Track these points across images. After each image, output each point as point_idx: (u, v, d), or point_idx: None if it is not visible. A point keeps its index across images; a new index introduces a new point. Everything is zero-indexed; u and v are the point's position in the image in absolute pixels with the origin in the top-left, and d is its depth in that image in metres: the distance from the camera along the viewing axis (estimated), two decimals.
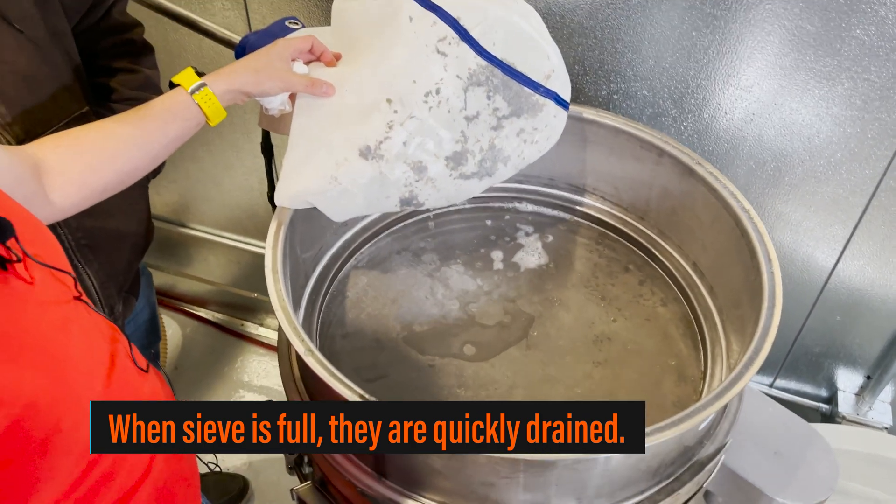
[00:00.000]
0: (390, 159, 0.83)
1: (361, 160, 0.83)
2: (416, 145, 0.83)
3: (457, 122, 0.84)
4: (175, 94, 0.75)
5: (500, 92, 0.85)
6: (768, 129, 1.12)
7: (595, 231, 1.07)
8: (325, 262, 0.97)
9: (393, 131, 0.82)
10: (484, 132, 0.87)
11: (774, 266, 0.79)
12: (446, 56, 0.81)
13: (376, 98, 0.81)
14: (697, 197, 0.92)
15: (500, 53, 0.83)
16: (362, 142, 0.82)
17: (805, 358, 1.42)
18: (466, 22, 0.81)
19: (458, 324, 0.93)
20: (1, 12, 0.72)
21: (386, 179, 0.84)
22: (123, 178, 0.73)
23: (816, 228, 1.22)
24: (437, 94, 0.82)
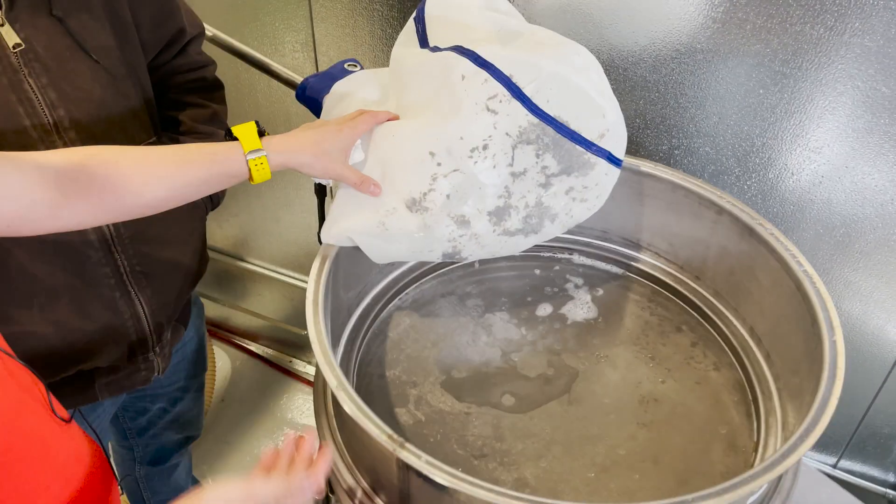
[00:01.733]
0: (435, 212, 0.83)
1: (408, 211, 0.83)
2: (459, 199, 0.83)
3: (502, 177, 0.83)
4: (232, 149, 0.75)
5: (551, 150, 0.83)
6: (838, 193, 1.07)
7: (648, 288, 1.03)
8: (369, 301, 0.97)
9: (437, 183, 0.82)
10: (531, 189, 0.85)
11: (837, 334, 0.74)
12: (497, 114, 0.81)
13: (422, 151, 0.81)
14: (757, 258, 0.88)
15: (553, 111, 0.82)
16: (408, 194, 0.82)
17: (873, 439, 1.33)
18: (520, 79, 0.80)
19: (499, 373, 0.91)
20: (80, 43, 0.76)
21: (431, 232, 0.84)
22: (144, 210, 0.73)
23: (888, 300, 1.15)
24: (484, 150, 0.81)
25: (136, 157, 0.71)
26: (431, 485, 0.65)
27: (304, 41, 1.34)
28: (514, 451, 0.82)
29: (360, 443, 0.74)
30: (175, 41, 0.90)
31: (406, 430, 0.84)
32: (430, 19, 0.89)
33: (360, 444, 0.75)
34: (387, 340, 0.95)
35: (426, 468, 0.62)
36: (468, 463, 0.80)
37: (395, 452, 0.63)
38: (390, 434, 0.64)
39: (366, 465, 0.75)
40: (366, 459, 0.75)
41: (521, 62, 0.81)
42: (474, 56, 0.81)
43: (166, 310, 0.91)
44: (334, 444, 0.79)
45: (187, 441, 1.24)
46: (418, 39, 0.90)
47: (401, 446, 0.63)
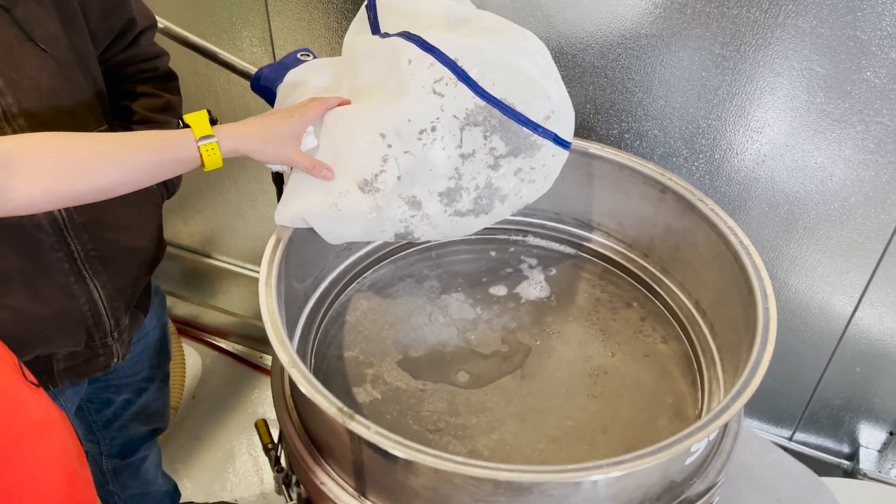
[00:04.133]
0: (386, 193, 0.85)
1: (360, 192, 0.85)
2: (409, 180, 0.85)
3: (451, 159, 0.86)
4: (183, 135, 0.77)
5: (498, 132, 0.86)
6: (781, 172, 1.11)
7: (599, 266, 1.06)
8: (326, 285, 0.99)
9: (387, 165, 0.84)
10: (480, 170, 0.88)
11: (770, 301, 0.78)
12: (443, 97, 0.83)
13: (372, 133, 0.83)
14: (699, 233, 0.92)
15: (499, 93, 0.84)
16: (360, 175, 0.84)
17: (825, 411, 1.38)
18: (465, 63, 0.83)
19: (455, 351, 0.93)
20: (27, 32, 0.77)
21: (382, 213, 0.86)
22: (97, 194, 0.73)
23: (832, 274, 1.19)
24: (433, 132, 0.84)
25: (88, 143, 0.72)
26: (382, 455, 0.67)
27: (260, 35, 1.36)
28: (468, 425, 0.84)
29: (316, 420, 0.76)
30: (126, 32, 0.91)
31: (363, 409, 0.86)
32: (381, 7, 0.91)
33: (317, 423, 0.77)
34: (345, 324, 0.97)
35: (375, 438, 0.64)
36: (423, 437, 0.83)
37: (345, 424, 0.65)
38: (340, 407, 0.66)
39: (323, 444, 0.77)
40: (322, 437, 0.77)
41: (466, 46, 0.83)
42: (420, 41, 0.84)
43: (123, 295, 0.92)
44: (293, 427, 0.81)
45: (154, 433, 1.25)
46: (370, 26, 0.92)
47: (350, 418, 0.65)
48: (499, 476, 0.61)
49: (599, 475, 0.62)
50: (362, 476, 0.72)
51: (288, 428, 0.81)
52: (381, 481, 0.71)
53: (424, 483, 0.67)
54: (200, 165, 0.78)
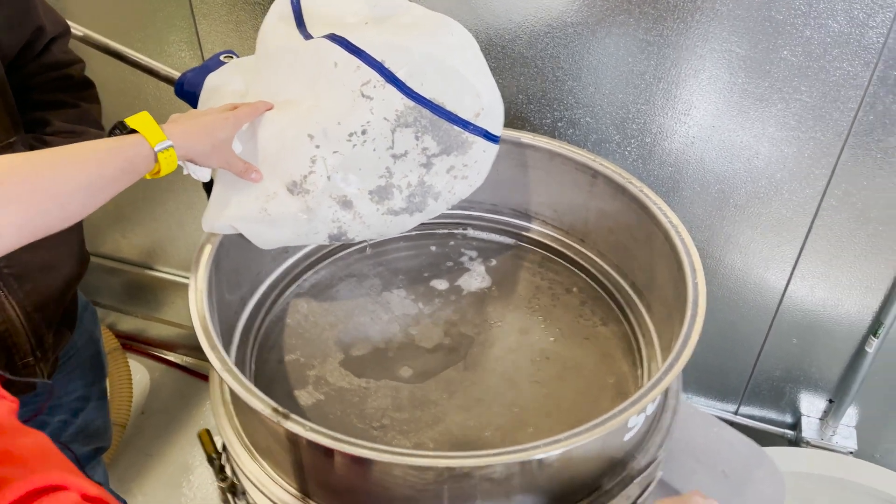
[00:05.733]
0: (316, 194, 0.84)
1: (289, 195, 0.84)
2: (340, 180, 0.84)
3: (382, 159, 0.85)
4: (137, 144, 0.71)
5: (430, 132, 0.86)
6: (709, 152, 1.14)
7: (538, 255, 1.07)
8: (264, 289, 0.98)
9: (316, 166, 0.83)
10: (412, 169, 0.88)
11: (699, 276, 0.79)
12: (372, 99, 0.82)
13: (300, 135, 0.82)
14: (630, 215, 0.93)
15: (428, 93, 0.84)
16: (288, 177, 0.83)
17: (767, 384, 1.41)
18: (392, 64, 0.82)
19: (398, 347, 0.93)
20: None
21: (314, 214, 0.85)
22: (64, 224, 0.67)
23: (765, 250, 1.23)
24: (363, 135, 0.83)
25: (50, 164, 0.65)
26: (320, 453, 0.66)
27: (188, 39, 1.33)
28: (412, 419, 0.84)
29: (255, 424, 0.75)
30: (35, 41, 0.88)
31: (306, 411, 0.85)
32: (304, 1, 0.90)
33: (255, 427, 0.75)
34: (285, 327, 0.96)
35: (311, 435, 0.63)
36: (368, 434, 0.82)
37: (281, 423, 0.64)
38: (275, 407, 0.65)
39: (264, 448, 0.76)
40: (262, 441, 0.75)
41: (393, 47, 0.83)
42: (346, 43, 0.83)
43: (44, 313, 0.89)
44: (234, 434, 0.80)
45: (97, 452, 1.21)
46: (294, 18, 0.90)
47: (285, 417, 0.64)
48: (436, 463, 0.61)
49: (539, 454, 0.62)
50: (304, 477, 0.71)
51: (228, 435, 0.80)
52: (322, 480, 0.70)
53: (365, 477, 0.66)
54: (154, 172, 0.75)
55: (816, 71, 1.01)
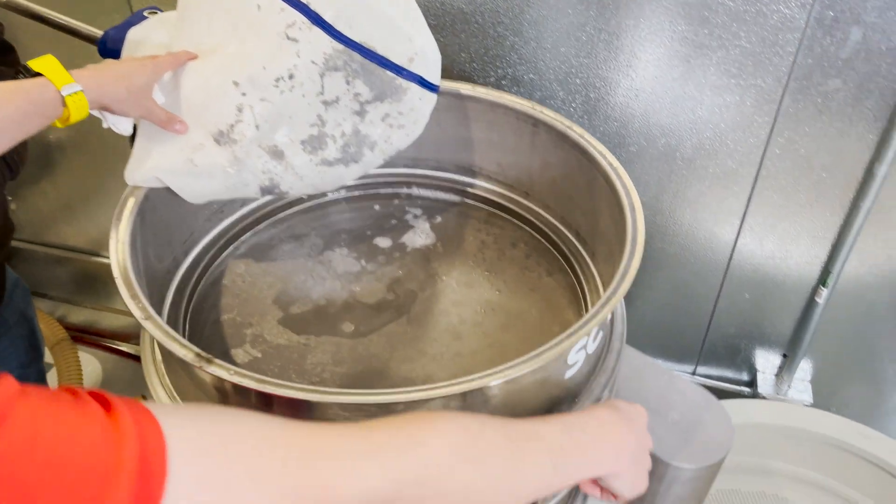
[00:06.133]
0: (245, 144, 0.81)
1: (216, 145, 0.81)
2: (269, 129, 0.82)
3: (313, 106, 0.83)
4: (42, 85, 0.68)
5: (361, 77, 0.83)
6: (653, 104, 1.13)
7: (484, 211, 1.06)
8: (199, 250, 0.94)
9: (244, 115, 0.80)
10: (346, 117, 0.85)
11: (638, 215, 0.78)
12: (298, 42, 0.79)
13: (225, 82, 0.80)
14: (572, 162, 0.92)
15: (357, 37, 0.82)
16: (215, 127, 0.81)
17: (722, 341, 1.42)
18: (317, 5, 0.79)
19: (339, 303, 0.91)
20: None
21: (243, 165, 0.82)
22: None
23: (713, 203, 1.22)
24: (291, 80, 0.80)
25: None
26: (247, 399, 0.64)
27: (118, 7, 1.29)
28: (353, 373, 0.82)
29: (184, 380, 0.72)
30: None
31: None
32: None
33: (185, 382, 0.73)
34: (221, 288, 0.93)
35: (236, 378, 0.60)
36: None
37: (205, 369, 0.61)
38: (198, 352, 0.62)
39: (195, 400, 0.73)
40: (192, 396, 0.72)
41: None
42: None
43: None
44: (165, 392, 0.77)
45: None
46: None
47: (209, 362, 0.62)
48: (369, 400, 0.59)
49: (477, 384, 0.61)
50: None
51: (160, 395, 0.76)
52: None
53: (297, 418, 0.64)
54: (65, 119, 0.71)
55: (754, 15, 1.01)
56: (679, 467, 0.89)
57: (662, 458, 0.90)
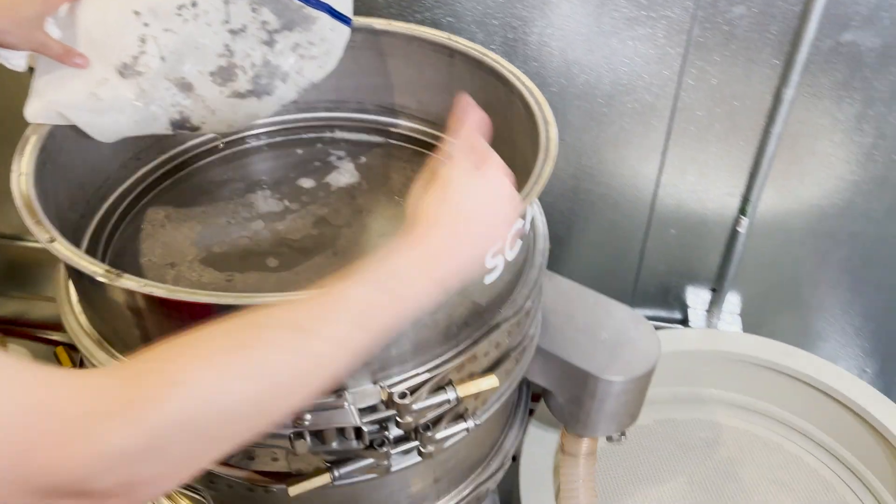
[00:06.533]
0: (150, 76, 0.80)
1: (121, 78, 0.79)
2: (175, 60, 0.80)
3: (219, 35, 0.81)
4: None
5: (267, 4, 0.82)
6: (570, 42, 1.15)
7: (408, 150, 1.06)
8: (116, 196, 0.92)
9: (147, 45, 0.79)
10: (255, 47, 0.84)
11: (551, 128, 0.80)
12: None
13: (125, 12, 0.78)
14: (489, 89, 0.93)
15: None
16: (118, 59, 0.79)
17: (653, 280, 1.45)
18: None
19: (263, 241, 0.90)
20: None
21: (149, 98, 0.81)
22: None
23: (635, 140, 1.25)
24: (194, 7, 0.79)
25: None
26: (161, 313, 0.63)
27: None
28: None
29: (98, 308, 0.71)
30: None
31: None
32: None
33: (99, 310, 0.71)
34: (140, 232, 0.91)
35: (147, 289, 0.59)
36: None
37: (115, 284, 0.60)
38: (107, 268, 0.61)
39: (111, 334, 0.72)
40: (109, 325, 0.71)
41: None
42: None
43: None
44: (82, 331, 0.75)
45: None
46: None
47: (118, 276, 0.61)
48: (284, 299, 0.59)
49: None
50: None
51: (78, 336, 0.75)
52: None
53: None
54: None
55: None
56: (610, 381, 0.91)
57: (593, 373, 0.92)
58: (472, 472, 0.92)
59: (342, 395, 0.67)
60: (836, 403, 1.19)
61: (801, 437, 1.27)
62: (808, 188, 1.26)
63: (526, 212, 0.73)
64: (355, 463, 0.70)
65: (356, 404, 0.67)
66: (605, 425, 0.98)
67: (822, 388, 1.20)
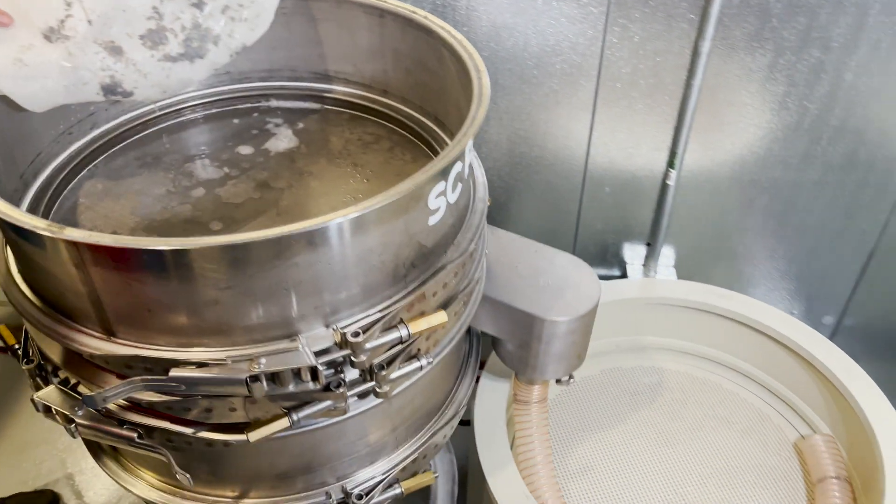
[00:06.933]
0: (79, 40, 0.79)
1: (47, 42, 0.78)
2: (103, 23, 0.80)
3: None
4: None
5: None
6: (496, 4, 1.19)
7: (345, 114, 1.07)
8: (50, 172, 0.90)
9: (73, 9, 0.78)
10: (184, 9, 0.85)
11: (482, 75, 0.82)
12: None
13: None
14: (421, 46, 0.95)
15: None
16: (44, 23, 0.78)
17: (592, 239, 1.50)
18: None
19: (205, 207, 0.90)
20: None
21: (77, 62, 0.80)
22: None
23: (564, 100, 1.29)
24: None
25: None
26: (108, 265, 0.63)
27: None
28: None
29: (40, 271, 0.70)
30: None
31: None
32: None
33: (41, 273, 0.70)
34: (78, 206, 0.89)
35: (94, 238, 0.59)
36: None
37: (58, 236, 0.60)
38: (49, 223, 0.61)
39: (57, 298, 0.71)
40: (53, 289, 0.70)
41: None
42: None
43: None
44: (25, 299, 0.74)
45: None
46: None
47: (61, 229, 0.60)
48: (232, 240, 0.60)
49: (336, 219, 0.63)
50: (102, 308, 0.67)
51: (21, 302, 0.73)
52: (122, 307, 0.66)
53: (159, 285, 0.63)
54: None
55: None
56: (555, 321, 0.95)
57: (539, 315, 0.95)
58: (429, 420, 0.95)
59: (295, 339, 0.69)
60: (767, 339, 1.26)
61: (737, 375, 1.34)
62: (729, 138, 1.33)
63: (465, 154, 0.76)
64: (313, 406, 0.71)
65: (310, 347, 0.68)
66: (554, 367, 1.02)
67: (753, 325, 1.26)
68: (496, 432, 1.07)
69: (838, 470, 1.13)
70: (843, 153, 1.32)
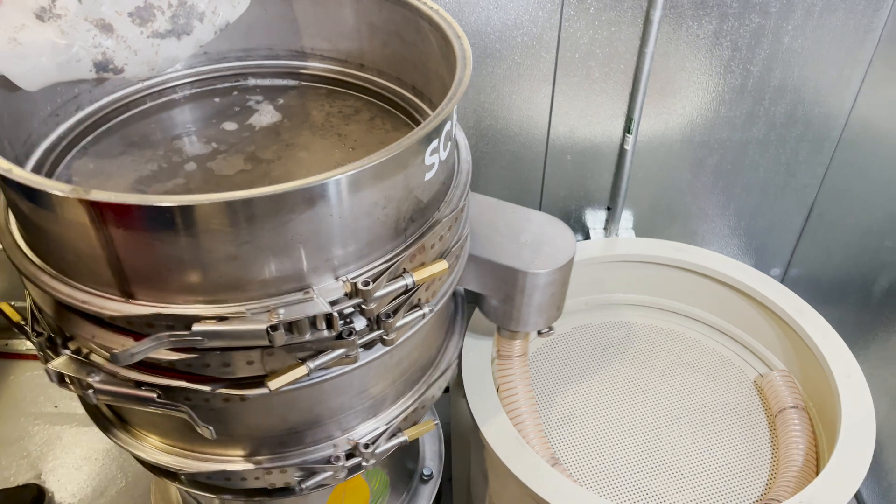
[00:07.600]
0: (70, 18, 0.81)
1: (40, 22, 0.80)
2: (92, 2, 0.82)
3: None
4: None
5: None
6: None
7: (324, 90, 1.11)
8: (40, 153, 0.92)
9: None
10: None
11: (464, 41, 0.87)
12: None
13: None
14: (396, 18, 0.99)
15: None
16: (35, 3, 0.80)
17: (556, 205, 1.57)
18: None
19: (197, 180, 0.92)
20: None
21: (71, 39, 0.82)
22: None
23: (526, 72, 1.36)
24: None
25: None
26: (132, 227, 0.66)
27: None
28: None
29: (56, 239, 0.72)
30: None
31: None
32: None
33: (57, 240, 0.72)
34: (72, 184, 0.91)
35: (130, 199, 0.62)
36: None
37: (86, 197, 0.63)
38: (74, 186, 0.63)
39: (71, 263, 0.73)
40: (68, 256, 0.72)
41: None
42: None
43: None
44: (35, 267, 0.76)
45: None
46: None
47: (87, 192, 0.63)
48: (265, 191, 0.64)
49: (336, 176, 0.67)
50: (122, 271, 0.70)
51: (29, 269, 0.75)
52: (141, 266, 0.70)
53: (184, 242, 0.67)
54: None
55: None
56: (536, 273, 1.01)
57: (521, 269, 1.01)
58: (424, 374, 1.00)
59: (309, 291, 0.73)
60: (723, 286, 1.36)
61: (698, 324, 1.43)
62: (680, 102, 1.41)
63: (453, 114, 0.81)
64: (327, 354, 0.76)
65: (323, 297, 0.72)
66: (536, 319, 1.08)
67: (709, 274, 1.36)
68: (484, 384, 1.13)
69: (795, 401, 1.24)
70: (783, 112, 1.42)
